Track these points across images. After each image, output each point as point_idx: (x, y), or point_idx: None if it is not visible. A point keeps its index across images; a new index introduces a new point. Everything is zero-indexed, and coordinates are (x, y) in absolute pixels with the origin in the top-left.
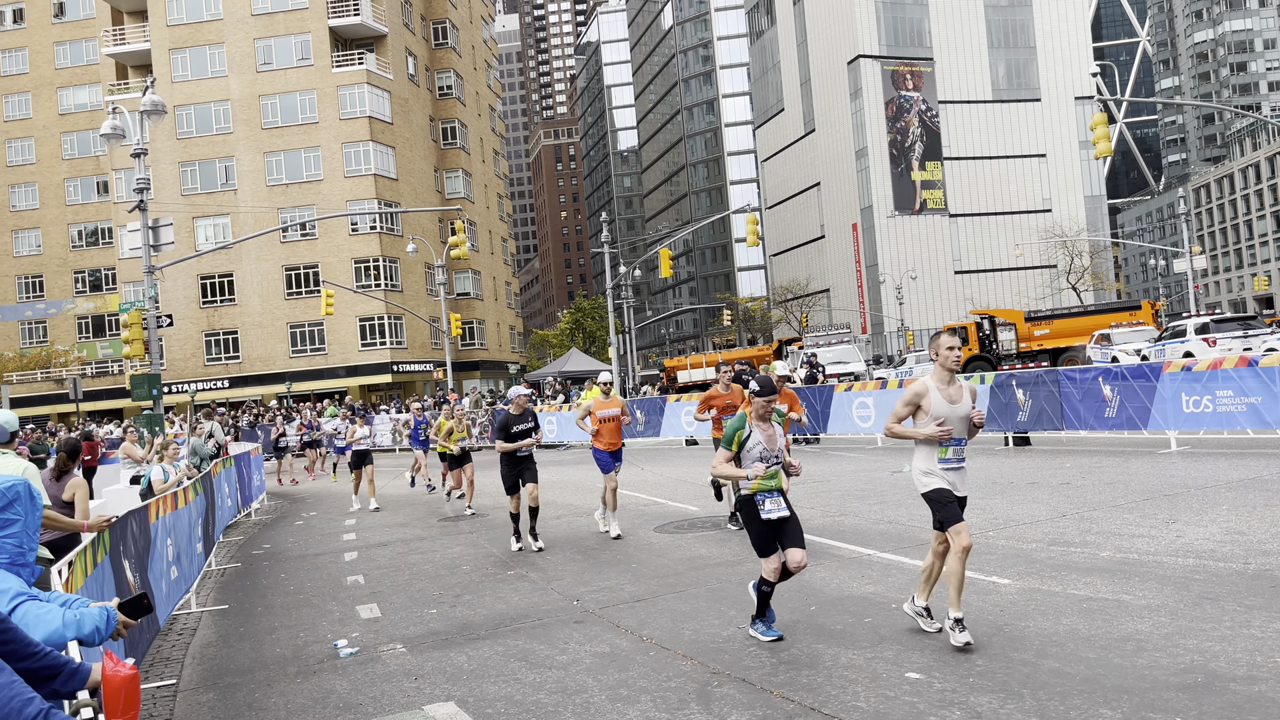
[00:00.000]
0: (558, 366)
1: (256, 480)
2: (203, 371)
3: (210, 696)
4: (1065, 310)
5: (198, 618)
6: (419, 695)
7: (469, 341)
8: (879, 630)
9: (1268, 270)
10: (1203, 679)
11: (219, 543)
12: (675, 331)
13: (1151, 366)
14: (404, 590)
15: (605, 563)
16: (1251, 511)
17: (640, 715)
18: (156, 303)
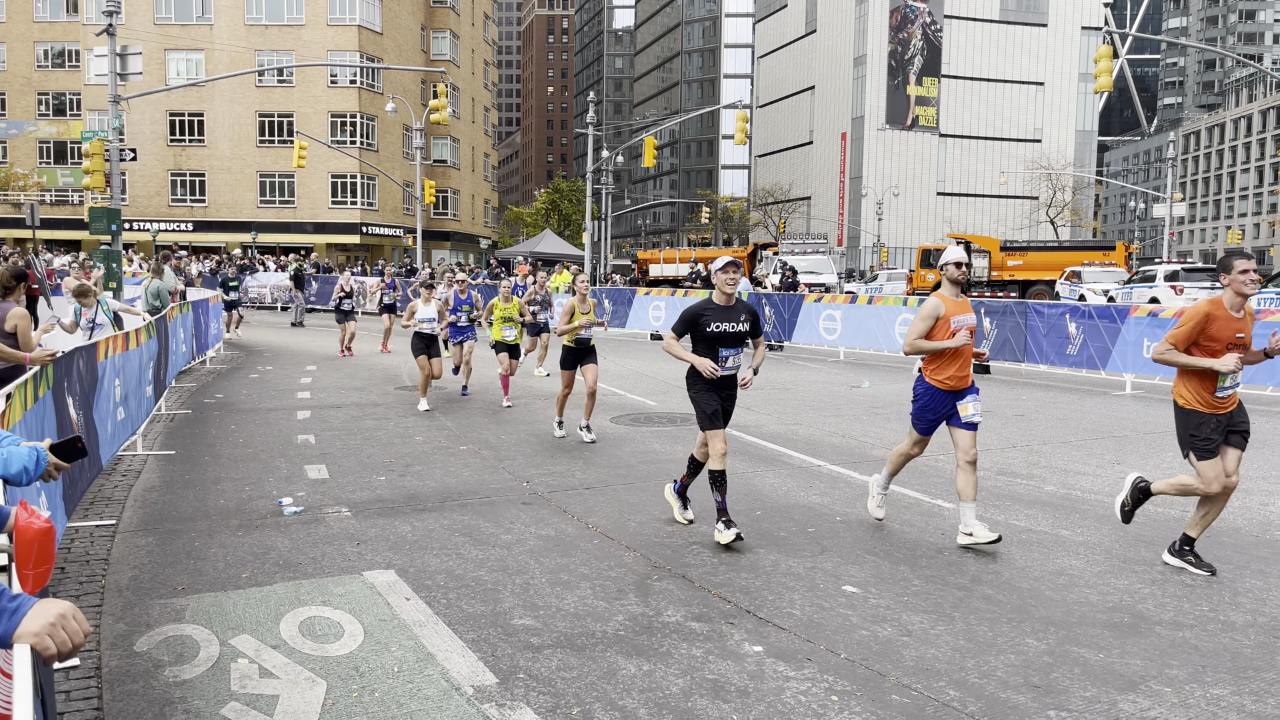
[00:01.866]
0: (530, 246)
1: (214, 328)
2: (166, 212)
3: (149, 540)
4: (1041, 243)
5: (143, 461)
6: (360, 561)
7: (441, 211)
8: (821, 541)
9: (1243, 224)
10: (1129, 619)
11: (171, 388)
12: (652, 224)
13: (1118, 309)
14: (354, 454)
15: (559, 448)
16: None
17: (578, 601)
18: (121, 134)
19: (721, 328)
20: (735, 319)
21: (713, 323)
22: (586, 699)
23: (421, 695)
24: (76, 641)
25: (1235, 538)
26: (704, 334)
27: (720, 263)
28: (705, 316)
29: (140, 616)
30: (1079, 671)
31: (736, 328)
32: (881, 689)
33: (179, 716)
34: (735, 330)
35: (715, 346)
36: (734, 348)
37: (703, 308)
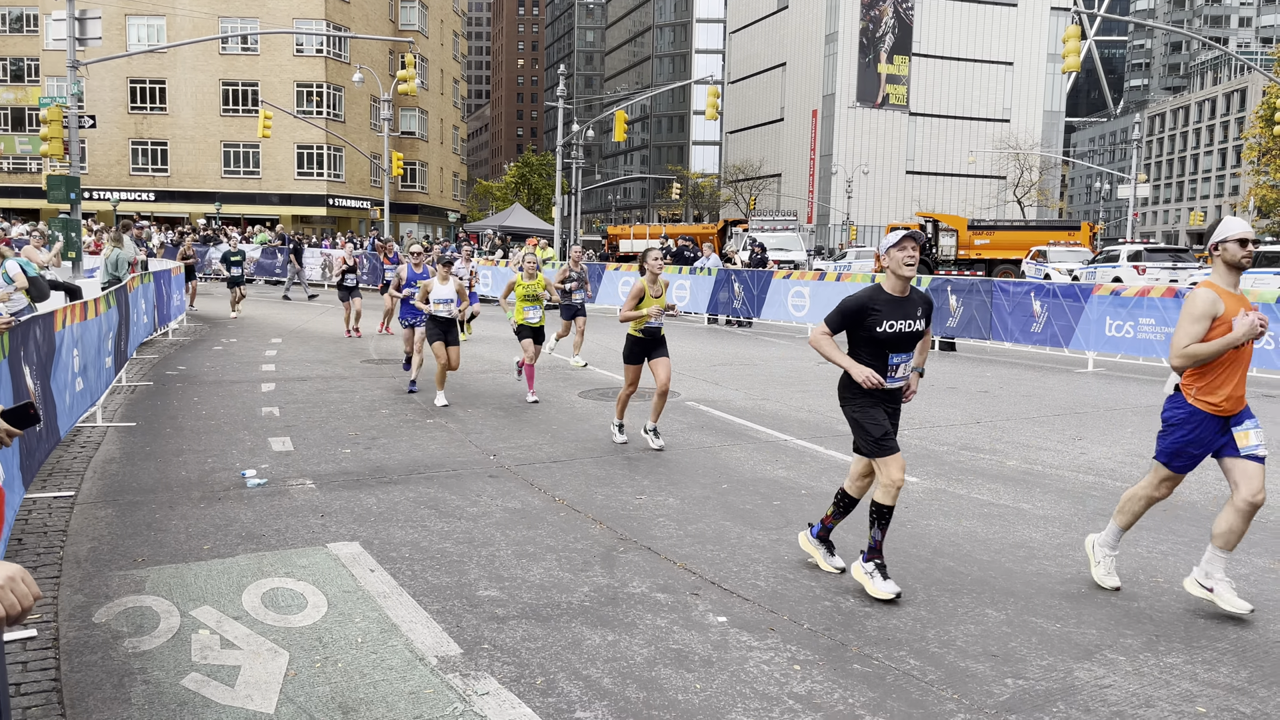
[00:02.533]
0: (499, 220)
1: (176, 300)
2: (127, 181)
3: (109, 512)
4: (1008, 223)
5: (103, 432)
6: (324, 533)
7: (409, 183)
8: (786, 514)
9: (1205, 206)
10: (1086, 590)
11: (132, 359)
12: (622, 199)
13: (1082, 287)
14: (319, 427)
15: (526, 422)
16: (1153, 436)
17: (544, 572)
18: (80, 101)
19: (896, 327)
20: (912, 314)
21: (885, 320)
22: (551, 669)
23: (385, 666)
24: (25, 605)
25: (1190, 512)
26: (871, 335)
27: (895, 238)
28: (875, 313)
29: (99, 588)
30: (1036, 641)
31: (913, 326)
32: (843, 658)
33: (139, 687)
34: (911, 330)
35: (884, 350)
36: (906, 352)
37: (870, 299)
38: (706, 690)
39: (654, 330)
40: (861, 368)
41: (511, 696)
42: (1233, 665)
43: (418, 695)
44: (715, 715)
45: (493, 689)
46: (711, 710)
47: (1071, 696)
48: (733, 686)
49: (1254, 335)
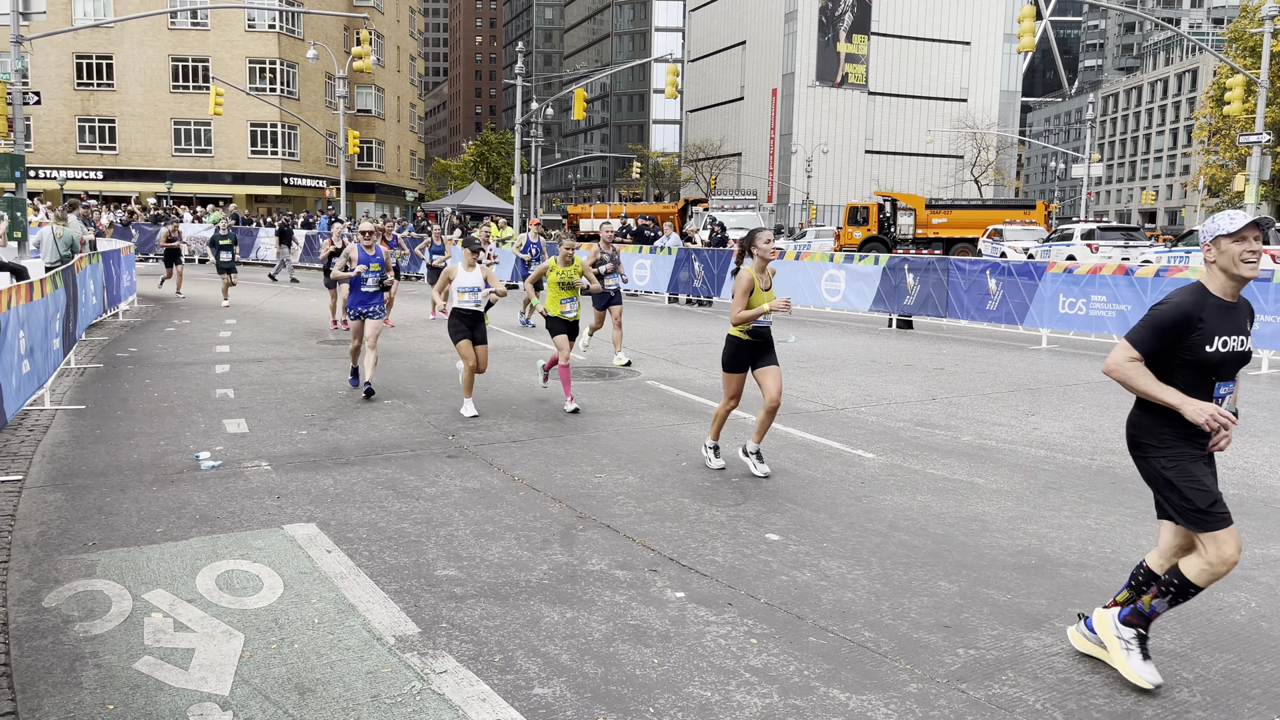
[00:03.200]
0: (458, 199)
1: (126, 280)
2: (75, 159)
3: (58, 496)
4: (965, 201)
5: (51, 415)
6: (280, 514)
7: (366, 162)
8: (744, 490)
9: (1157, 185)
10: (1037, 561)
11: (81, 341)
12: (582, 178)
13: (1036, 266)
14: (275, 409)
15: (485, 401)
16: (1104, 411)
17: (503, 551)
18: (25, 77)
19: (1228, 345)
20: (1243, 328)
21: (1214, 336)
22: (509, 646)
23: (342, 646)
24: None
25: (1138, 484)
26: (1195, 358)
27: (1229, 222)
28: (1203, 325)
29: (49, 572)
30: (987, 611)
31: (1245, 343)
32: (799, 631)
33: (90, 671)
34: (1243, 349)
35: (1209, 379)
36: (1232, 380)
37: (1197, 306)
38: (664, 664)
39: (764, 331)
40: (1196, 405)
41: (470, 674)
42: (1176, 633)
43: (375, 675)
44: (673, 688)
45: (451, 667)
46: (669, 684)
47: (1021, 665)
48: (690, 660)
49: None
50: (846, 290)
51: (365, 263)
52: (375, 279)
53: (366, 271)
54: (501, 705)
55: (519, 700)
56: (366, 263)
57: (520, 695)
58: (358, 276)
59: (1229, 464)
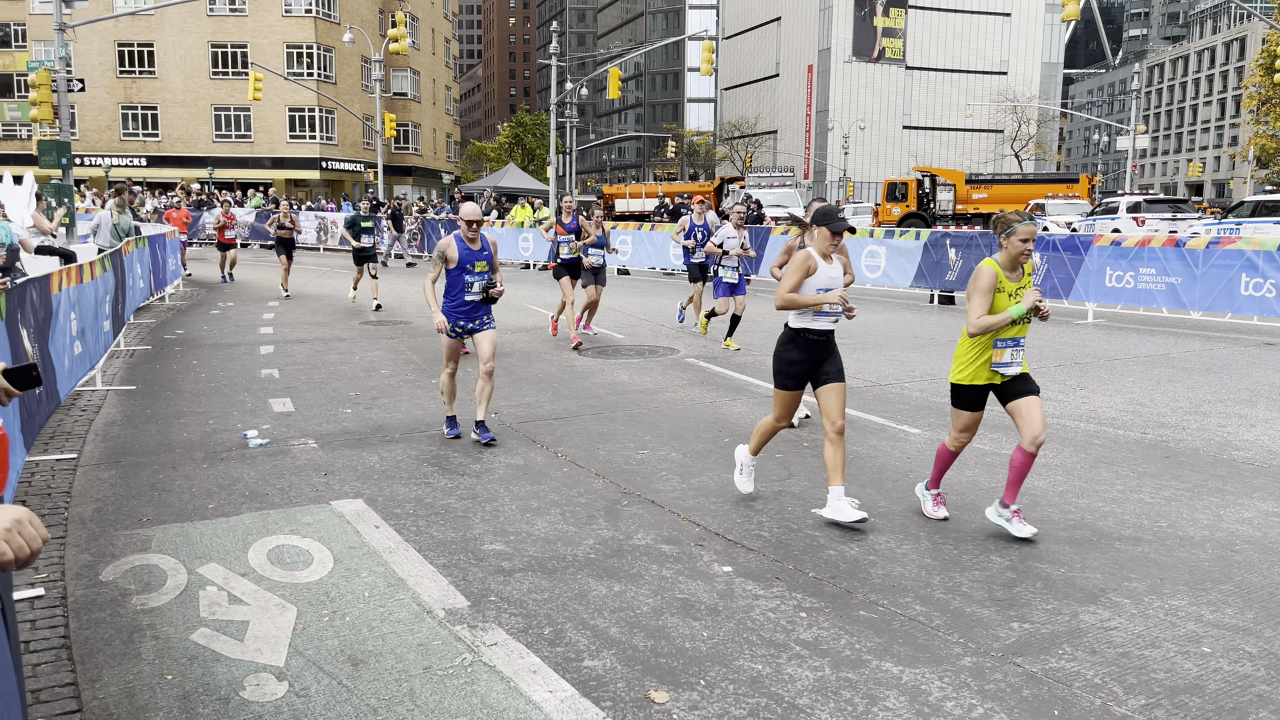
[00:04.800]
0: (493, 181)
1: (172, 264)
2: (119, 146)
3: (112, 474)
4: (1006, 176)
5: (103, 396)
6: (327, 490)
7: (403, 145)
8: (789, 466)
9: (1203, 157)
10: (1090, 535)
11: (129, 324)
12: (617, 159)
13: (1082, 239)
14: (319, 388)
15: (526, 380)
16: (1155, 386)
17: (549, 526)
18: (68, 65)
19: None
20: None
21: None
22: (558, 619)
23: (393, 619)
24: (34, 547)
25: (1193, 458)
26: None
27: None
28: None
29: (105, 547)
30: (1041, 585)
31: None
32: (849, 605)
33: (148, 643)
34: None
35: None
36: None
37: None
38: (714, 637)
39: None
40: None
41: (520, 646)
42: (1238, 607)
43: (426, 647)
44: (723, 661)
45: (501, 639)
46: (719, 656)
47: (1077, 639)
48: (739, 634)
49: None
50: (887, 266)
51: (468, 262)
52: (481, 283)
53: (470, 274)
54: (553, 677)
55: (570, 672)
56: (469, 262)
57: (571, 667)
58: (459, 281)
59: None
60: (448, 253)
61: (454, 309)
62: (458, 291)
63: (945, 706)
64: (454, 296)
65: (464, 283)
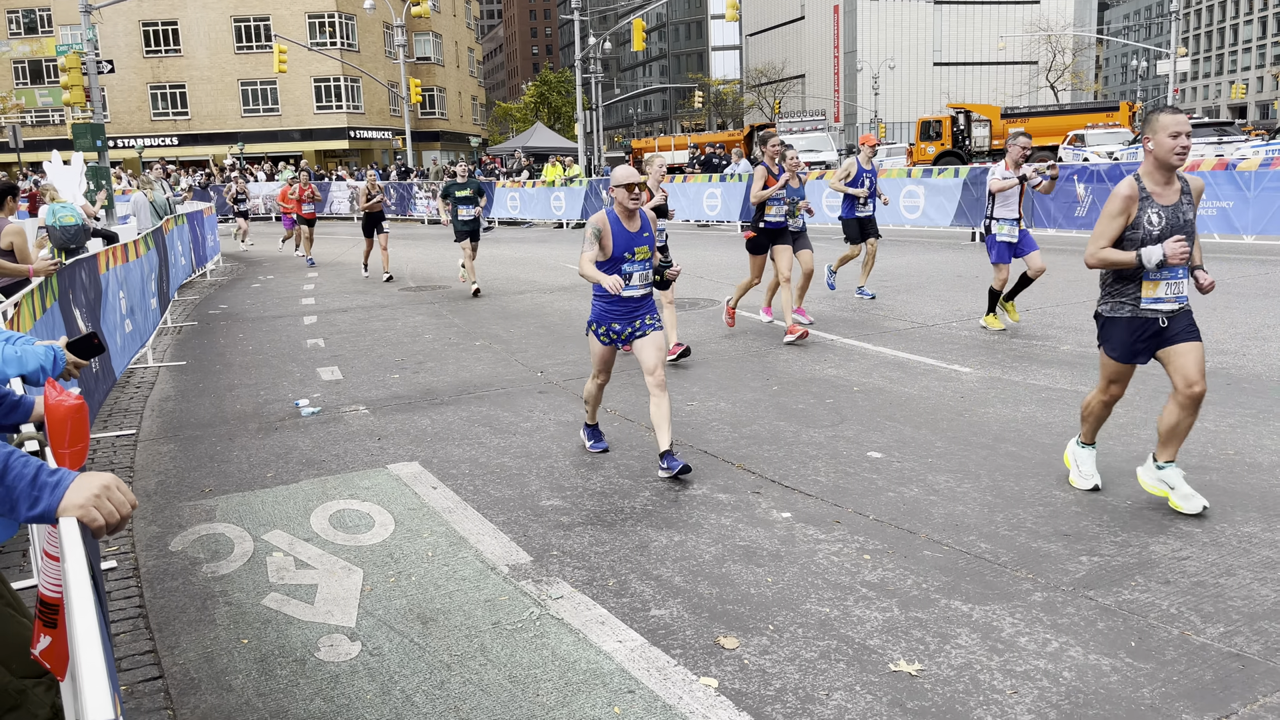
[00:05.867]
0: (521, 141)
1: (210, 240)
2: (150, 126)
3: (171, 447)
4: (1043, 108)
5: (155, 372)
6: (383, 455)
7: (429, 110)
8: (840, 411)
9: (1246, 78)
10: None
11: (174, 301)
12: (643, 113)
13: (1127, 167)
14: (365, 355)
15: (568, 338)
16: (1212, 313)
17: (604, 480)
18: (95, 46)
19: None
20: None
21: None
22: (621, 570)
23: (458, 576)
24: (124, 512)
25: (1256, 384)
26: None
27: None
28: None
29: (172, 518)
30: (1108, 518)
31: None
32: (912, 545)
33: (221, 609)
34: None
35: None
36: None
37: None
38: (778, 583)
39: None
40: None
41: (586, 599)
42: None
43: (493, 602)
44: (790, 605)
45: (566, 593)
46: (786, 601)
47: (1150, 570)
48: (804, 578)
49: None
50: (926, 206)
51: (626, 249)
52: (643, 273)
53: (629, 264)
54: (621, 627)
55: (637, 622)
56: (628, 248)
57: (638, 617)
58: (614, 274)
59: None
60: (603, 238)
61: (606, 309)
62: None
63: (1019, 642)
64: (606, 293)
65: (622, 274)
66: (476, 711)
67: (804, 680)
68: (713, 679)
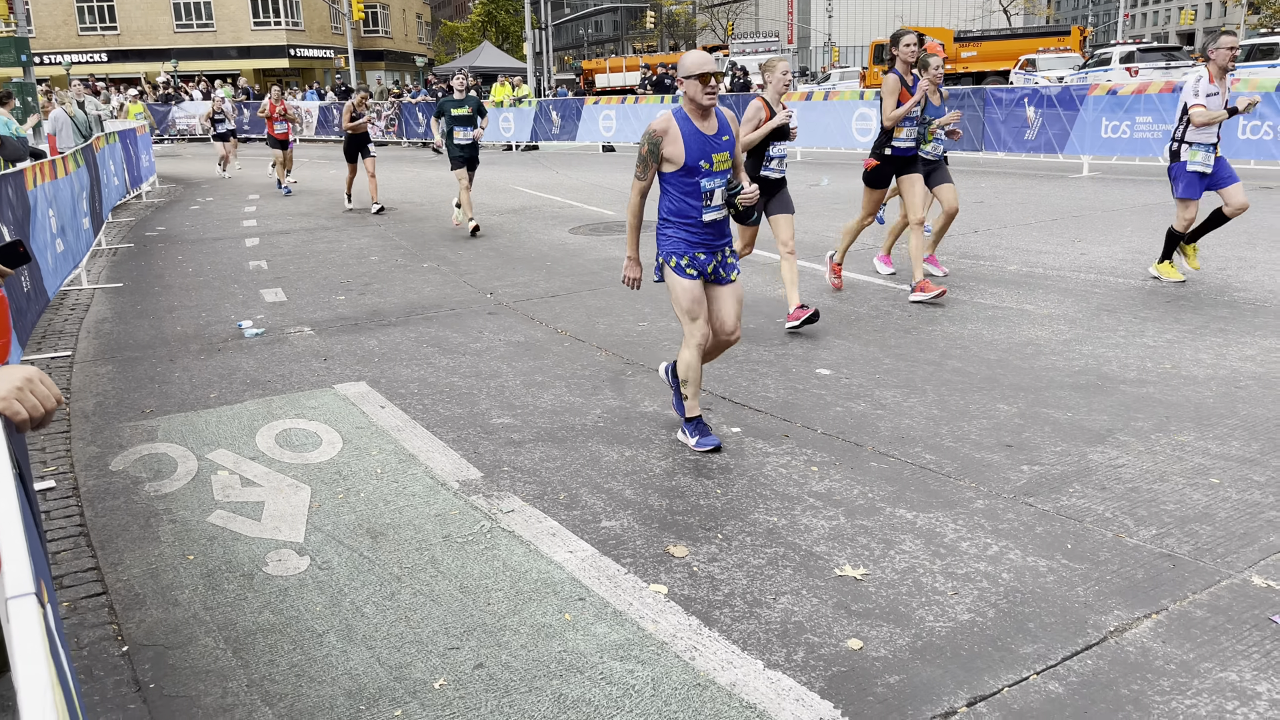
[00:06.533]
0: (469, 61)
1: (145, 160)
2: (77, 42)
3: (109, 369)
4: (995, 32)
5: (90, 294)
6: (329, 375)
7: (372, 28)
8: (791, 331)
9: (1195, 4)
10: (1095, 380)
11: (108, 222)
12: (594, 33)
13: (1076, 90)
14: (310, 276)
15: (519, 260)
16: (1154, 233)
17: (555, 399)
18: None
19: None
20: None
21: None
22: (572, 485)
23: (408, 493)
24: (48, 406)
25: (1194, 301)
26: None
27: None
28: None
29: (111, 439)
30: (1049, 430)
31: None
32: (859, 458)
33: (166, 526)
34: None
35: None
36: None
37: None
38: (728, 494)
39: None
40: None
41: (537, 512)
42: (1244, 439)
43: (444, 517)
44: (739, 515)
45: (518, 506)
46: (735, 511)
47: (1087, 477)
48: (753, 489)
49: None
50: (878, 129)
51: (703, 156)
52: (723, 188)
53: (708, 176)
54: (572, 539)
55: (588, 533)
56: (705, 155)
57: (589, 529)
58: (691, 189)
59: None
60: (665, 144)
61: (686, 236)
62: (690, 207)
63: (960, 547)
64: (684, 215)
65: (700, 191)
66: (427, 621)
67: (751, 585)
68: (662, 586)
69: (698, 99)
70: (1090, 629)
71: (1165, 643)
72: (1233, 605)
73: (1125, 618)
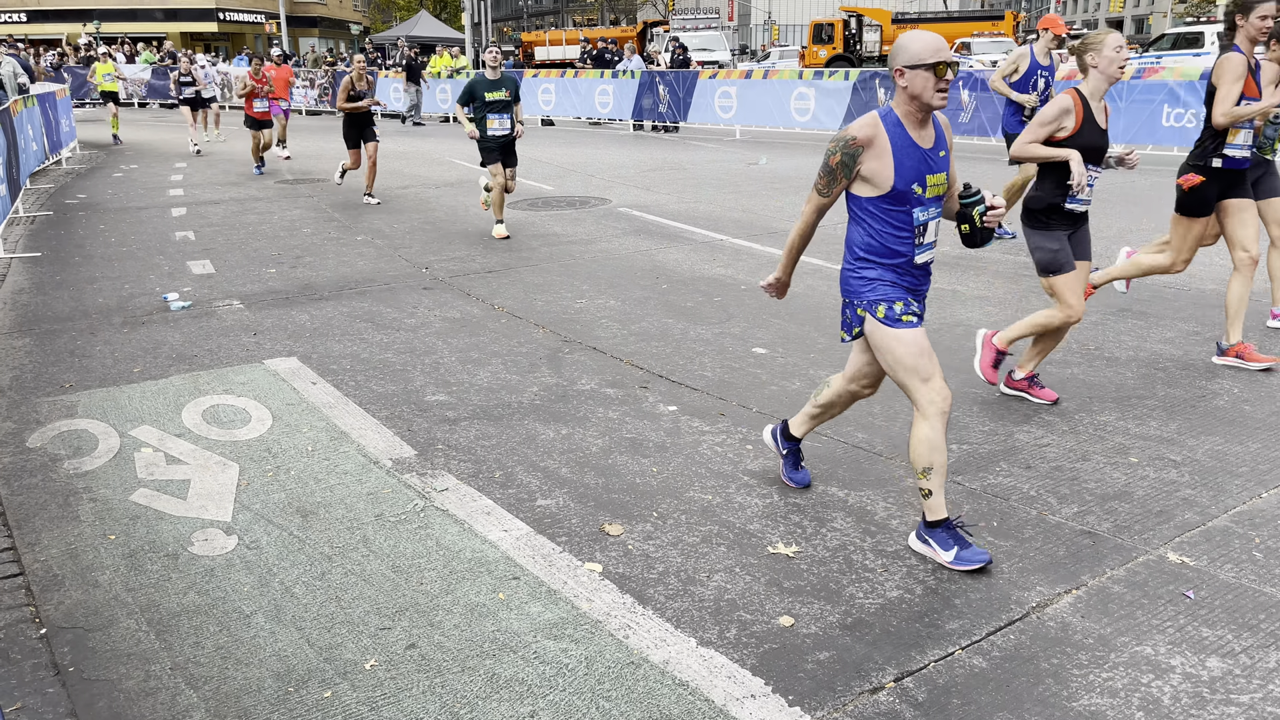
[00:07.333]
0: (405, 30)
1: (65, 125)
2: None
3: (26, 341)
4: (932, 14)
5: (6, 264)
6: (259, 350)
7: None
8: (727, 309)
9: None
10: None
11: (26, 189)
12: (534, 5)
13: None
14: (239, 248)
15: (455, 235)
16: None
17: (491, 376)
18: None
19: None
20: None
21: None
22: (508, 463)
23: (339, 471)
24: None
25: (1135, 290)
26: None
27: None
28: None
29: (28, 414)
30: (978, 410)
31: None
32: None
33: (86, 505)
34: None
35: None
36: None
37: None
38: (663, 472)
39: None
40: None
41: (471, 490)
42: (1162, 419)
43: (376, 495)
44: (674, 494)
45: (452, 485)
46: (670, 490)
47: (1013, 456)
48: (688, 468)
49: None
50: (816, 109)
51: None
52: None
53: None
54: (507, 517)
55: (523, 512)
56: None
57: (524, 507)
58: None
59: None
60: (866, 157)
61: (897, 279)
62: (899, 242)
63: (890, 524)
64: (889, 254)
65: (913, 224)
66: (358, 600)
67: (686, 563)
68: (597, 564)
69: (927, 98)
70: (1014, 605)
71: (1084, 618)
72: (1149, 581)
73: (1047, 594)
